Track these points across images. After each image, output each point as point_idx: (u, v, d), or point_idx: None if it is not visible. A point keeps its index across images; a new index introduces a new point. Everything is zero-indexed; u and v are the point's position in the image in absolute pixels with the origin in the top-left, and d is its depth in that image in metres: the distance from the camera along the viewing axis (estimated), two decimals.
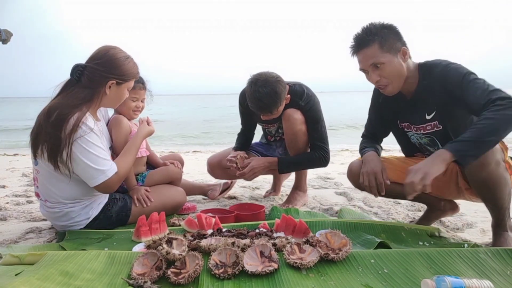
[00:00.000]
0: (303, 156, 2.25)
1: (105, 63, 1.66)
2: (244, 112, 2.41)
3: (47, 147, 1.59)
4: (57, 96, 1.69)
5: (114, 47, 1.73)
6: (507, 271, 1.22)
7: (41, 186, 1.76)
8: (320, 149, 2.20)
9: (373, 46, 1.55)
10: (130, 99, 2.02)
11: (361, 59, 1.61)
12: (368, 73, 1.62)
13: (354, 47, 1.62)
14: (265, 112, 2.07)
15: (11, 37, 3.07)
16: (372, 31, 1.56)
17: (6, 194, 2.76)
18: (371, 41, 1.56)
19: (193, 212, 2.27)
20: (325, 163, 2.23)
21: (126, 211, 1.91)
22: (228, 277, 1.19)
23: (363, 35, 1.58)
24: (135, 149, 1.89)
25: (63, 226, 1.80)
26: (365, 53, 1.58)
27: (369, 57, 1.57)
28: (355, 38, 1.61)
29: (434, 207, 1.89)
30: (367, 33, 1.57)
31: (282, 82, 2.04)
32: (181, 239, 1.34)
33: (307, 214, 2.10)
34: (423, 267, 1.24)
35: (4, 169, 3.99)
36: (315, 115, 2.19)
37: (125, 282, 1.17)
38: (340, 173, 3.63)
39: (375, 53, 1.55)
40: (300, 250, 1.33)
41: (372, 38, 1.55)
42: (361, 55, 1.60)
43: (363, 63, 1.61)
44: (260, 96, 1.98)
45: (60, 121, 1.57)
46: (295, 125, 2.15)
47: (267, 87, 1.97)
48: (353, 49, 1.63)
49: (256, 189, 2.96)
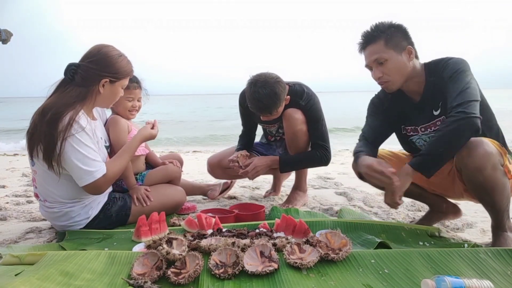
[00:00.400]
0: (305, 155, 2.25)
1: (98, 61, 1.67)
2: (244, 113, 2.41)
3: (42, 146, 1.58)
4: (52, 96, 1.69)
5: (106, 46, 1.73)
6: (507, 271, 1.22)
7: (40, 187, 1.76)
8: (321, 147, 2.20)
9: (378, 42, 1.60)
10: (125, 99, 2.01)
11: (366, 54, 1.65)
12: (371, 68, 1.66)
13: (362, 43, 1.66)
14: (264, 113, 2.07)
15: (11, 37, 3.07)
16: (379, 28, 1.60)
17: (6, 194, 2.76)
18: (377, 38, 1.60)
19: (193, 212, 2.27)
20: (326, 162, 2.23)
21: (126, 210, 1.91)
22: (228, 277, 1.19)
23: (371, 32, 1.62)
24: (130, 152, 1.86)
25: (63, 226, 1.80)
26: (371, 49, 1.62)
27: (373, 52, 1.61)
28: (363, 34, 1.64)
29: (436, 208, 1.89)
30: (375, 30, 1.61)
31: (282, 83, 2.04)
32: (181, 239, 1.34)
33: (307, 214, 2.10)
34: (423, 267, 1.24)
35: (4, 169, 3.99)
36: (316, 114, 2.19)
37: (125, 282, 1.17)
38: (340, 173, 3.64)
39: (379, 49, 1.59)
40: (300, 250, 1.33)
41: (379, 35, 1.60)
42: (367, 51, 1.64)
43: (368, 59, 1.64)
44: (260, 97, 1.98)
45: (54, 120, 1.57)
46: (296, 125, 2.16)
47: (266, 88, 1.97)
48: (361, 45, 1.67)
49: (256, 189, 2.96)
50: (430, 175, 1.48)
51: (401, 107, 1.74)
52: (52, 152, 1.58)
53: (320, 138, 2.21)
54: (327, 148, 2.22)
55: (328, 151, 2.22)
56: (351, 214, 2.08)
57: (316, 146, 2.22)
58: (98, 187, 1.68)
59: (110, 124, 2.02)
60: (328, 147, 2.23)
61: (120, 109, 2.07)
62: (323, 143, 2.21)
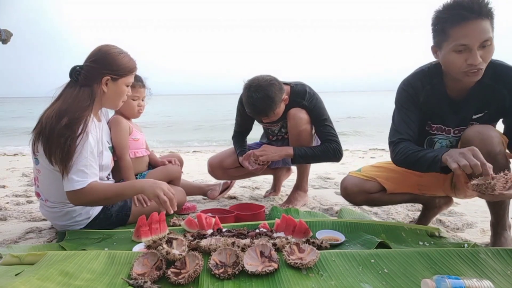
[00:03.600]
0: (319, 148, 2.18)
1: (99, 60, 1.68)
2: (243, 114, 2.41)
3: (61, 150, 1.56)
4: (59, 98, 1.68)
5: (107, 45, 1.73)
6: (507, 271, 1.22)
7: (42, 186, 1.76)
8: (333, 142, 2.16)
9: (486, 20, 1.32)
10: (131, 99, 2.03)
11: (472, 30, 1.31)
12: (471, 51, 1.34)
13: (467, 14, 1.31)
14: (261, 116, 2.08)
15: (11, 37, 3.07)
16: (487, 5, 1.32)
17: (6, 194, 2.76)
18: (486, 15, 1.31)
19: (193, 212, 2.27)
20: (340, 156, 2.18)
21: (126, 210, 1.91)
22: (228, 277, 1.19)
23: (482, 4, 1.31)
24: (122, 194, 1.68)
25: (64, 225, 1.80)
26: (481, 26, 1.31)
27: (484, 31, 1.31)
28: (468, 3, 1.31)
29: (430, 205, 1.90)
30: (485, 5, 1.31)
31: (276, 85, 2.03)
32: (181, 239, 1.34)
33: (307, 214, 2.10)
34: (423, 267, 1.24)
35: (4, 169, 3.99)
36: (320, 112, 2.19)
37: (125, 282, 1.17)
38: (340, 173, 3.64)
39: (488, 28, 1.32)
40: (300, 250, 1.33)
41: (487, 12, 1.32)
42: (475, 24, 1.31)
43: (476, 37, 1.31)
44: (254, 102, 1.99)
45: (73, 124, 1.57)
46: (300, 124, 2.15)
47: (259, 92, 1.97)
48: (463, 16, 1.31)
49: (256, 189, 2.96)
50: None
51: (437, 103, 1.56)
52: (71, 155, 1.57)
53: (329, 134, 2.17)
54: (339, 143, 2.18)
55: (340, 146, 2.19)
56: (351, 214, 2.08)
57: (327, 141, 2.17)
58: (72, 199, 1.61)
59: (111, 124, 2.03)
60: (339, 142, 2.19)
61: (127, 109, 2.07)
62: (334, 138, 2.17)
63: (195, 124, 15.20)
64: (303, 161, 2.23)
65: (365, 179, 1.78)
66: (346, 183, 1.81)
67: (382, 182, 1.76)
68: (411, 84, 1.59)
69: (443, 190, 1.77)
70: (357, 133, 10.73)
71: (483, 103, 1.51)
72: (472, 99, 1.52)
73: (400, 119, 1.60)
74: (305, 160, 2.22)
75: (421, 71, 1.60)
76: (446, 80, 1.53)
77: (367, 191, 1.76)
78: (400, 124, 1.59)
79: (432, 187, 1.77)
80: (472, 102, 1.52)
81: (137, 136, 2.18)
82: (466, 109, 1.55)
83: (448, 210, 2.22)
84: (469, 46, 1.33)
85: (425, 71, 1.59)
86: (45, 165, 1.67)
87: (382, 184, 1.75)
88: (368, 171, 1.83)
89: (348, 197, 1.82)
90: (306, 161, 2.26)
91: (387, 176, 1.78)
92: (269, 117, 2.07)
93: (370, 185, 1.77)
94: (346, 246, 1.54)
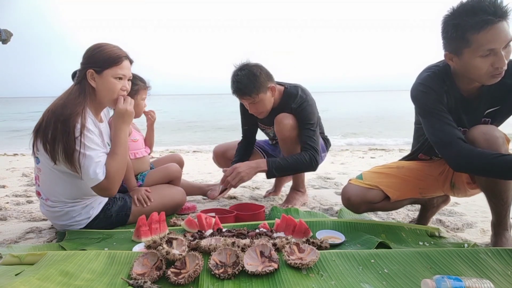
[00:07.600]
0: (293, 158, 2.10)
1: (84, 56, 1.73)
2: (245, 113, 2.41)
3: (62, 146, 1.58)
4: (57, 98, 1.71)
5: (96, 43, 1.76)
6: (507, 271, 1.22)
7: (43, 185, 1.76)
8: (310, 149, 2.09)
9: (507, 21, 1.30)
10: (141, 100, 2.13)
11: (498, 32, 1.28)
12: (497, 54, 1.31)
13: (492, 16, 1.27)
14: (244, 95, 2.09)
15: (11, 37, 3.07)
16: (506, 5, 1.29)
17: (6, 194, 2.76)
18: (506, 16, 1.29)
19: (193, 212, 2.27)
20: (315, 166, 2.12)
21: (126, 210, 1.91)
22: (228, 277, 1.19)
23: (500, 5, 1.29)
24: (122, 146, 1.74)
25: (64, 225, 1.80)
26: (504, 26, 1.29)
27: (507, 32, 1.29)
28: (490, 7, 1.28)
29: (428, 204, 1.90)
30: (503, 6, 1.29)
31: (262, 68, 2.11)
32: (181, 239, 1.34)
33: (307, 214, 2.10)
34: (423, 267, 1.24)
35: (4, 169, 3.99)
36: (307, 116, 2.14)
37: (125, 282, 1.17)
38: (340, 173, 3.64)
39: (508, 29, 1.30)
40: (300, 250, 1.33)
41: (507, 12, 1.30)
42: (500, 28, 1.28)
43: (500, 40, 1.29)
44: (239, 79, 2.06)
45: (69, 119, 1.59)
46: (285, 130, 2.14)
47: (244, 70, 2.07)
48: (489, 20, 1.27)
49: (256, 189, 2.96)
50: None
51: (453, 104, 1.53)
52: (73, 152, 1.59)
53: (309, 140, 2.11)
54: (316, 150, 2.10)
55: (318, 153, 2.11)
56: (351, 214, 2.07)
57: (304, 148, 2.11)
58: (104, 189, 1.67)
59: (111, 124, 2.03)
60: (318, 150, 2.12)
61: (137, 110, 2.09)
62: (313, 145, 2.11)
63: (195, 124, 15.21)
64: (278, 174, 2.13)
65: (367, 187, 1.69)
66: (350, 194, 1.70)
67: (386, 191, 1.68)
68: (431, 87, 1.51)
69: (443, 190, 1.77)
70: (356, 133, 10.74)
71: (494, 98, 1.50)
72: (484, 96, 1.50)
73: (441, 122, 1.47)
74: (280, 172, 2.12)
75: (434, 74, 1.54)
76: (458, 81, 1.50)
77: (370, 201, 1.68)
78: (444, 127, 1.46)
79: (432, 189, 1.76)
80: (484, 98, 1.50)
81: (136, 137, 2.18)
82: (479, 107, 1.53)
83: (448, 210, 2.22)
84: (495, 50, 1.31)
85: (437, 73, 1.53)
86: (45, 163, 1.67)
87: (386, 193, 1.69)
88: (370, 179, 1.73)
89: (351, 207, 1.73)
90: (281, 173, 2.15)
91: (389, 183, 1.71)
92: (251, 97, 2.07)
93: (373, 194, 1.68)
94: (346, 246, 1.54)
